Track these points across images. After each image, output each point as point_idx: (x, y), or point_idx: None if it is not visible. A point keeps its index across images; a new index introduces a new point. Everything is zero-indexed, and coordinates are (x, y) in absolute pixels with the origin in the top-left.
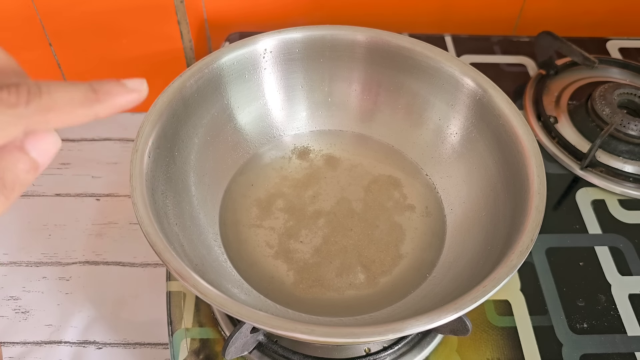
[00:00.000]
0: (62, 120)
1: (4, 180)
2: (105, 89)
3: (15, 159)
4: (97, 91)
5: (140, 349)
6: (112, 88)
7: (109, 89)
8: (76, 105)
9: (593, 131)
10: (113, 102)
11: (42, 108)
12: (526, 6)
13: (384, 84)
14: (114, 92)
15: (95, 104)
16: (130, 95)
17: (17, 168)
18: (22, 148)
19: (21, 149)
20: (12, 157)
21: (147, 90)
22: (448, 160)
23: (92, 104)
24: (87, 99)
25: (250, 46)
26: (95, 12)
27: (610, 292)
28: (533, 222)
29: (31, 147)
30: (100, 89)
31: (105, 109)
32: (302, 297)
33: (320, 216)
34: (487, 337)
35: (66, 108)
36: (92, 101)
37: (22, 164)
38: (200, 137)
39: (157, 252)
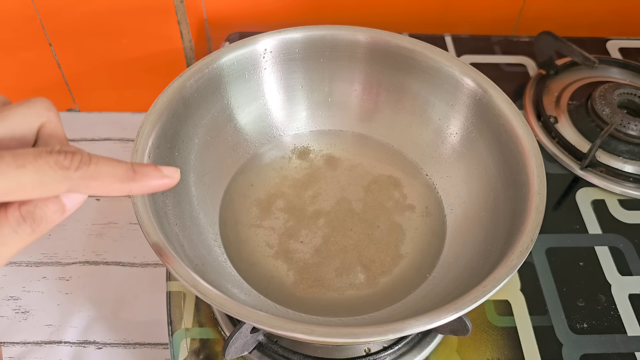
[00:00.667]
0: (100, 190)
1: (34, 215)
2: (144, 171)
3: (47, 200)
4: (136, 172)
5: (140, 349)
6: (150, 172)
7: (147, 172)
8: (116, 180)
9: (593, 131)
10: (147, 184)
11: (88, 176)
12: (526, 6)
13: (384, 84)
14: (150, 175)
15: (131, 183)
16: (163, 181)
17: (48, 207)
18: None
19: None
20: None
21: (179, 178)
22: (448, 160)
23: (129, 182)
24: (126, 177)
25: (250, 46)
26: (95, 12)
27: (610, 292)
28: (533, 222)
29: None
30: (140, 171)
31: (138, 188)
32: (302, 297)
33: (320, 216)
34: (487, 337)
35: (107, 180)
36: (130, 179)
37: (53, 205)
38: (200, 137)
39: (157, 252)
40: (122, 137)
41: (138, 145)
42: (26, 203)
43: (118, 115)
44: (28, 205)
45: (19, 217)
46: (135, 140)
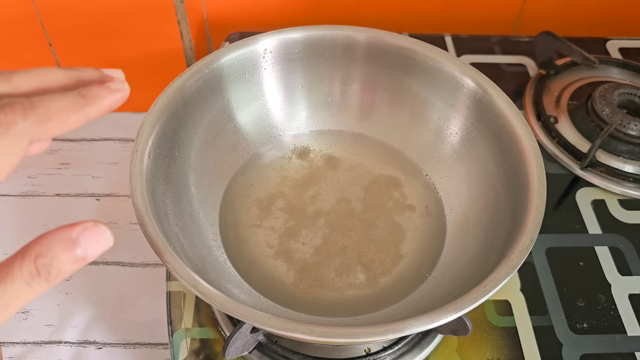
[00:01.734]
0: (59, 127)
1: (50, 268)
2: (93, 92)
3: (65, 250)
4: (85, 96)
5: (140, 349)
6: (99, 91)
7: (97, 92)
8: (69, 111)
9: (593, 131)
10: (101, 104)
11: (40, 119)
12: (526, 6)
13: (383, 84)
14: (100, 94)
15: (85, 107)
16: (115, 95)
17: (66, 259)
18: (75, 241)
19: (75, 242)
20: (64, 248)
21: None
22: (448, 160)
23: (82, 107)
24: (77, 104)
25: (250, 46)
26: (95, 12)
27: (610, 292)
28: (533, 222)
29: (84, 242)
30: (88, 94)
31: (95, 111)
32: (302, 297)
33: (320, 216)
34: (487, 337)
35: (61, 115)
36: (82, 105)
37: (71, 256)
38: (200, 137)
39: (157, 252)
40: (122, 137)
41: (138, 145)
42: (42, 255)
43: (118, 115)
44: (44, 258)
45: (33, 271)
46: (135, 140)
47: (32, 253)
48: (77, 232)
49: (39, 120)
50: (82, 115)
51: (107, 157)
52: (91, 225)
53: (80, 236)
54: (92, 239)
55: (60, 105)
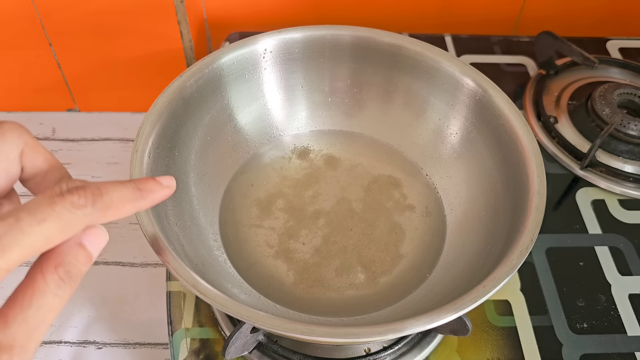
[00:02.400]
0: (116, 215)
1: (70, 273)
2: (147, 187)
3: (76, 253)
4: (141, 190)
5: (140, 349)
6: (153, 186)
7: (151, 187)
8: (126, 202)
9: (593, 131)
10: (153, 198)
11: (103, 207)
12: (526, 6)
13: (383, 83)
14: (154, 190)
15: (140, 200)
16: (164, 192)
17: (79, 261)
18: (80, 244)
19: (80, 245)
20: (75, 252)
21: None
22: (448, 160)
23: (138, 200)
24: (134, 197)
25: (250, 46)
26: (95, 12)
27: (610, 292)
28: (533, 222)
29: (87, 242)
30: (144, 187)
31: (146, 204)
32: (302, 297)
33: (320, 216)
34: (487, 337)
35: (119, 205)
36: (138, 198)
37: (82, 257)
38: (200, 137)
39: (157, 252)
40: (122, 137)
41: (138, 145)
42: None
43: (118, 115)
44: (63, 266)
45: (58, 280)
46: (135, 140)
47: (50, 266)
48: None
49: (102, 208)
50: (135, 207)
51: (107, 157)
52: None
53: (83, 238)
54: (93, 238)
55: (121, 195)
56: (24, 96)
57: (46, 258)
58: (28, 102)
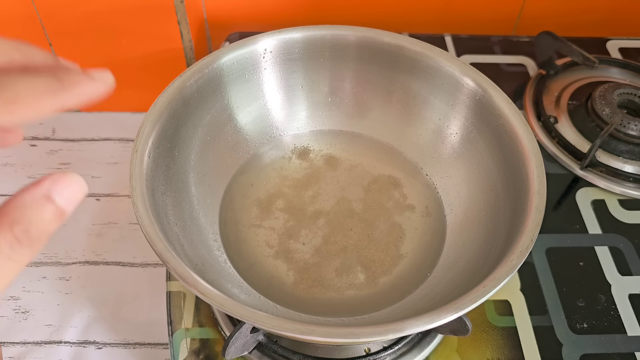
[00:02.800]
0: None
1: (30, 233)
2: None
3: (40, 209)
4: (62, 80)
5: (140, 349)
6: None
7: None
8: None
9: (593, 131)
10: (79, 91)
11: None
12: (526, 6)
13: (383, 83)
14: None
15: (60, 93)
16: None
17: (43, 218)
18: (48, 196)
19: (47, 198)
20: (38, 207)
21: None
22: (448, 160)
23: (58, 93)
24: (51, 89)
25: (250, 46)
26: (95, 12)
27: (610, 292)
28: (533, 222)
29: (57, 194)
30: (66, 79)
31: (71, 98)
32: (302, 297)
33: (320, 216)
34: (487, 337)
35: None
36: (57, 90)
37: (48, 214)
38: (200, 137)
39: (157, 252)
40: (122, 137)
41: (138, 145)
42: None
43: (118, 115)
44: (20, 224)
45: (13, 242)
46: (135, 140)
47: (4, 223)
48: (47, 187)
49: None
50: (56, 102)
51: (107, 157)
52: (60, 175)
53: (52, 190)
54: (66, 189)
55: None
56: None
57: (3, 209)
58: None
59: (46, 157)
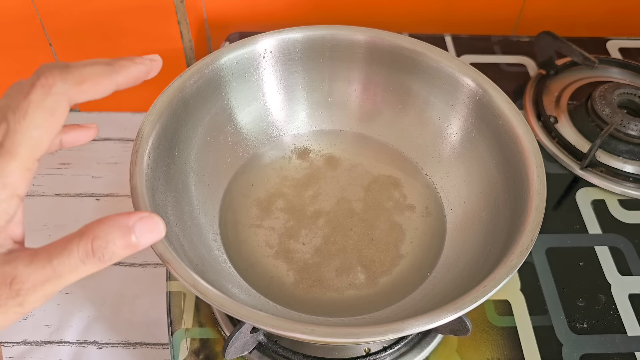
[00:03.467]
0: (94, 91)
1: (105, 251)
2: (118, 62)
3: (121, 235)
4: (112, 64)
5: (140, 349)
6: (124, 62)
7: (123, 62)
8: (100, 76)
9: (593, 131)
10: (127, 72)
11: (75, 81)
12: (526, 6)
13: (383, 84)
14: (126, 64)
15: (113, 74)
16: (140, 67)
17: (120, 243)
18: (129, 227)
19: (130, 229)
20: (119, 233)
21: (159, 64)
22: (448, 160)
23: (111, 74)
24: (106, 71)
25: (250, 46)
26: (95, 12)
27: (610, 292)
28: (533, 222)
29: (137, 229)
30: (114, 63)
31: (123, 78)
32: (302, 297)
33: (320, 216)
34: (487, 337)
35: (93, 79)
36: (110, 72)
37: (123, 242)
38: (200, 137)
39: (157, 252)
40: (122, 137)
41: (138, 145)
42: (99, 238)
43: (118, 115)
44: (101, 241)
45: (89, 251)
46: (135, 140)
47: (90, 234)
48: (133, 220)
49: (75, 82)
50: (112, 82)
51: (107, 157)
52: (147, 216)
53: (136, 225)
54: (147, 228)
55: (92, 69)
56: None
57: (94, 225)
58: None
59: (46, 157)
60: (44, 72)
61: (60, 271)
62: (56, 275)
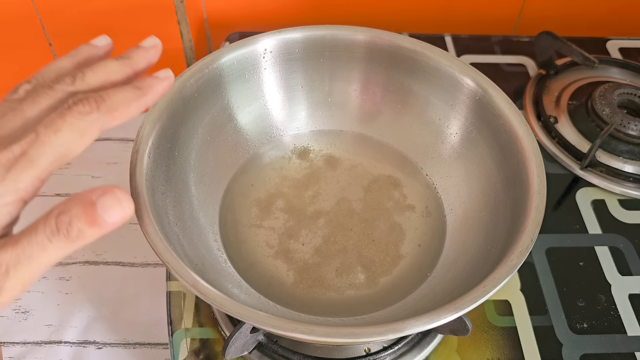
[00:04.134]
0: (124, 116)
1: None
2: (146, 83)
3: (84, 209)
4: (140, 87)
5: (140, 349)
6: (150, 82)
7: (149, 83)
8: (130, 102)
9: (593, 131)
10: (154, 92)
11: (108, 110)
12: (526, 6)
13: (383, 84)
14: (152, 85)
15: (142, 97)
16: (165, 83)
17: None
18: (93, 202)
19: (92, 203)
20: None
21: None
22: (448, 160)
23: (140, 98)
24: (135, 95)
25: (250, 46)
26: (95, 12)
27: (610, 292)
28: (533, 222)
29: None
30: (142, 85)
31: (150, 99)
32: (302, 297)
33: (320, 216)
34: (487, 337)
35: (124, 105)
36: (139, 96)
37: (89, 216)
38: (200, 137)
39: (157, 252)
40: (122, 137)
41: (138, 145)
42: (63, 213)
43: None
44: (64, 216)
45: (54, 227)
46: (135, 140)
47: (55, 211)
48: (96, 195)
49: (108, 110)
50: (140, 104)
51: (107, 157)
52: (109, 190)
53: (98, 199)
54: (109, 203)
55: (122, 96)
56: None
57: (59, 203)
58: None
59: None
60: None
61: (29, 251)
62: (26, 255)
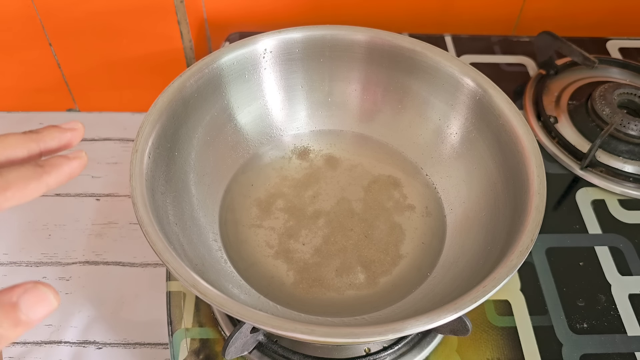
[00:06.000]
0: (19, 196)
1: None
2: (50, 162)
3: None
4: (42, 166)
5: (140, 349)
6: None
7: (54, 162)
8: (28, 180)
9: (593, 131)
10: (59, 172)
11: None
12: (526, 6)
13: (383, 84)
14: (58, 163)
15: (43, 176)
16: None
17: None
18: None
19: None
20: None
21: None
22: (448, 160)
23: (41, 176)
24: (35, 174)
25: (250, 46)
26: (95, 12)
27: (610, 292)
28: (533, 222)
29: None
30: (45, 164)
31: (54, 179)
32: (302, 297)
33: (320, 216)
34: (487, 337)
35: (20, 185)
36: (40, 174)
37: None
38: (200, 137)
39: (157, 252)
40: (122, 137)
41: (138, 145)
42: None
43: (118, 115)
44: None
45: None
46: (135, 140)
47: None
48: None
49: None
50: (41, 184)
51: (107, 157)
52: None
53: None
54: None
55: (18, 174)
56: (24, 96)
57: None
58: (28, 102)
59: None
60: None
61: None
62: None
